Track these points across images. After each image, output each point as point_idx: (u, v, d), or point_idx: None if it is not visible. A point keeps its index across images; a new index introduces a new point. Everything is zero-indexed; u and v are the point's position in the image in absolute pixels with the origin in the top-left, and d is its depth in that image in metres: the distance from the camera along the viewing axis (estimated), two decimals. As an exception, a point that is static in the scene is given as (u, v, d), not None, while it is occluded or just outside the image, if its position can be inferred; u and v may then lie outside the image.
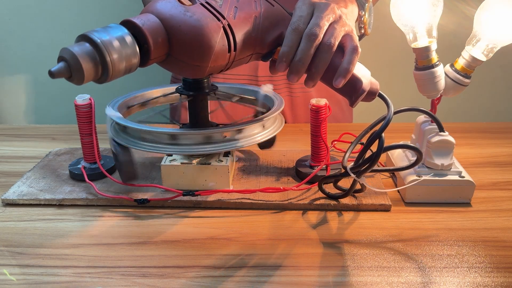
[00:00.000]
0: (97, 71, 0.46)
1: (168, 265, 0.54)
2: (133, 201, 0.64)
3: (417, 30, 0.61)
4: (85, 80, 0.46)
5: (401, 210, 0.64)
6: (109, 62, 0.46)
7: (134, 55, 0.48)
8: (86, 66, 0.45)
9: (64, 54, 0.45)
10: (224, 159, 0.66)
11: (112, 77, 0.47)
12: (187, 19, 0.50)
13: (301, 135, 0.88)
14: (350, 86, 0.55)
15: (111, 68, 0.46)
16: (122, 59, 0.47)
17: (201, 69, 0.52)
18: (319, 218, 0.62)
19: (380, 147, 0.54)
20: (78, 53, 0.44)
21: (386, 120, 0.54)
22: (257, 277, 0.51)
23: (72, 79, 0.46)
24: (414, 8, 0.61)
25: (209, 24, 0.50)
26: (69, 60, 0.44)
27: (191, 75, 0.55)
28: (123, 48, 0.47)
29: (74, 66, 0.44)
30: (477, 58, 0.62)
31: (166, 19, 0.50)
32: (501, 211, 0.63)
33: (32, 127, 0.96)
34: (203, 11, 0.51)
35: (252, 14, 0.54)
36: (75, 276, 0.52)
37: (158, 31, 0.49)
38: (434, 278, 0.51)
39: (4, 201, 0.66)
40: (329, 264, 0.53)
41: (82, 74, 0.45)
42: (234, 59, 0.54)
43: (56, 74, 0.44)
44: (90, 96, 0.67)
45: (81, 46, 0.45)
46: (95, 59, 0.45)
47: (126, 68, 0.48)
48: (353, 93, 0.55)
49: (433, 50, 0.61)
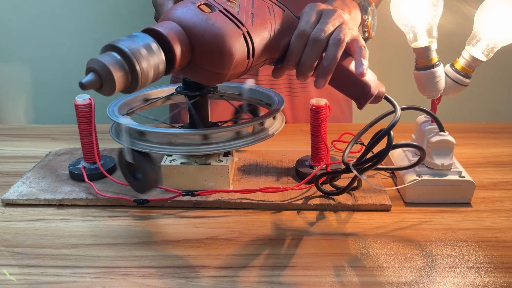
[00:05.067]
0: (127, 80, 0.45)
1: (168, 265, 0.54)
2: (133, 201, 0.64)
3: (417, 30, 0.61)
4: (116, 90, 0.45)
5: (401, 210, 0.64)
6: (139, 70, 0.45)
7: (161, 63, 0.47)
8: (117, 76, 0.44)
9: (93, 65, 0.44)
10: (224, 159, 0.66)
11: (141, 85, 0.46)
12: (209, 27, 0.49)
13: (301, 135, 0.88)
14: (359, 89, 0.56)
15: (140, 77, 0.45)
16: (150, 67, 0.46)
17: (221, 76, 0.52)
18: (319, 218, 0.62)
19: (389, 145, 0.55)
20: (109, 63, 0.44)
21: (395, 120, 0.55)
22: (257, 277, 0.51)
23: (102, 89, 0.45)
24: (414, 8, 0.61)
25: (230, 32, 0.50)
26: (100, 70, 0.43)
27: (211, 82, 0.54)
28: (151, 56, 0.46)
29: (105, 76, 0.44)
30: (477, 58, 0.62)
31: (189, 27, 0.49)
32: (501, 211, 0.63)
33: (32, 127, 0.96)
34: (224, 18, 0.51)
35: (267, 20, 0.54)
36: (75, 276, 0.52)
37: (182, 39, 0.49)
38: (434, 278, 0.51)
39: (4, 201, 0.66)
40: (329, 264, 0.53)
41: (114, 84, 0.44)
42: (252, 65, 0.54)
43: (87, 86, 0.43)
44: (90, 96, 0.67)
45: (109, 56, 0.44)
46: (125, 68, 0.45)
47: (154, 76, 0.47)
48: (362, 96, 0.57)
49: (433, 50, 0.61)
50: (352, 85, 0.57)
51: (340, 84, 0.57)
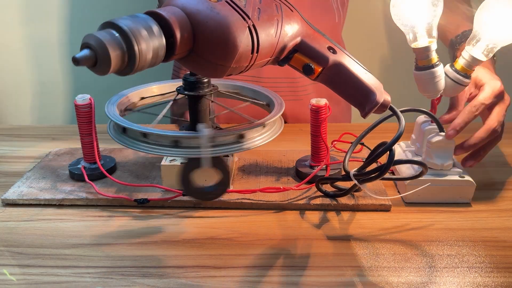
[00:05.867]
0: (123, 60, 0.43)
1: (168, 265, 0.54)
2: (133, 201, 0.64)
3: (417, 30, 0.61)
4: (111, 69, 0.43)
5: (401, 210, 0.64)
6: (137, 51, 0.43)
7: (161, 47, 0.46)
8: (113, 54, 0.42)
9: (89, 40, 0.42)
10: (224, 159, 0.66)
11: (138, 68, 0.45)
12: (214, 16, 0.48)
13: (301, 135, 0.88)
14: (365, 97, 0.55)
15: (138, 58, 0.44)
16: (149, 50, 0.44)
17: (223, 69, 0.50)
18: (319, 218, 0.62)
19: (391, 160, 0.54)
20: (106, 40, 0.42)
21: (398, 133, 0.54)
22: (257, 277, 0.51)
23: (96, 67, 0.43)
24: (414, 8, 0.61)
25: (236, 23, 0.48)
26: (96, 47, 0.41)
27: (212, 75, 0.53)
28: (151, 38, 0.44)
29: (101, 53, 0.42)
30: (477, 58, 0.62)
31: (193, 13, 0.48)
32: (501, 211, 0.63)
33: (32, 127, 0.96)
34: (230, 9, 0.49)
35: (274, 17, 0.53)
36: (75, 276, 0.52)
37: (185, 25, 0.47)
38: (434, 278, 0.51)
39: (4, 201, 0.65)
40: (329, 264, 0.53)
41: (109, 63, 0.42)
42: (255, 61, 0.52)
43: (81, 61, 0.41)
44: (90, 96, 0.67)
45: (107, 33, 0.43)
46: (122, 47, 0.43)
47: (152, 60, 0.45)
48: (367, 105, 0.55)
49: (433, 50, 0.61)
50: (357, 92, 0.55)
51: (345, 90, 0.56)
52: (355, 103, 0.56)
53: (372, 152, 0.59)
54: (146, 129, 0.60)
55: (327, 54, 0.54)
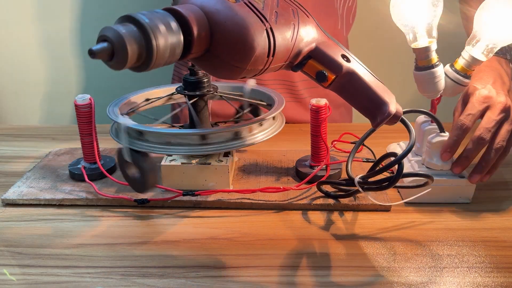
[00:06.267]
0: (140, 56, 0.42)
1: (168, 265, 0.54)
2: (133, 201, 0.64)
3: (417, 30, 0.61)
4: (127, 64, 0.42)
5: (401, 210, 0.64)
6: (154, 46, 0.42)
7: (179, 45, 0.45)
8: (131, 48, 0.41)
9: (107, 33, 0.40)
10: (224, 159, 0.66)
11: (154, 65, 0.44)
12: (233, 16, 0.47)
13: (301, 135, 0.88)
14: (377, 108, 0.54)
15: (155, 54, 0.43)
16: (167, 46, 0.43)
17: (238, 71, 0.50)
18: (319, 218, 0.62)
19: (399, 173, 0.54)
20: (124, 33, 0.41)
21: (409, 147, 0.54)
22: (257, 277, 0.51)
23: (113, 61, 0.42)
24: (414, 8, 0.61)
25: (254, 25, 0.48)
26: (113, 40, 0.40)
27: (226, 76, 0.52)
28: (169, 34, 0.44)
29: (118, 47, 0.40)
30: (477, 58, 0.62)
31: (212, 13, 0.47)
32: (501, 211, 0.63)
33: (32, 127, 0.96)
34: (248, 10, 0.49)
35: (291, 21, 0.52)
36: (75, 276, 0.52)
37: (203, 24, 0.47)
38: (434, 278, 0.51)
39: (4, 201, 0.66)
40: (329, 264, 0.53)
41: (126, 57, 0.41)
42: (270, 65, 0.52)
43: (98, 54, 0.40)
44: (90, 96, 0.67)
45: (126, 26, 0.42)
46: (140, 42, 0.42)
47: (169, 57, 0.45)
48: (379, 115, 0.54)
49: (433, 50, 0.61)
50: (370, 102, 0.54)
51: (357, 100, 0.55)
52: (367, 113, 0.55)
53: (378, 161, 0.59)
54: (145, 128, 0.60)
55: (341, 62, 0.53)
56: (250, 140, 0.62)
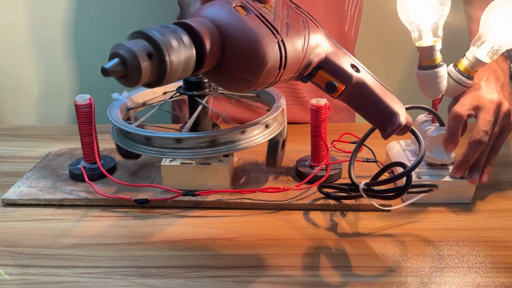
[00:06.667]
0: (154, 72, 0.42)
1: (168, 265, 0.54)
2: (133, 201, 0.64)
3: (422, 29, 0.61)
4: (141, 81, 0.41)
5: (401, 210, 0.64)
6: (168, 63, 0.41)
7: (191, 59, 0.44)
8: (144, 66, 0.40)
9: (119, 50, 0.40)
10: (224, 159, 0.66)
11: (167, 81, 0.43)
12: (244, 29, 0.46)
13: (301, 135, 0.88)
14: (387, 119, 0.54)
15: (168, 70, 0.42)
16: (180, 62, 0.43)
17: (250, 84, 0.49)
18: (319, 218, 0.62)
19: (407, 185, 0.55)
20: (137, 51, 0.40)
21: (419, 158, 0.54)
22: (257, 277, 0.51)
23: (126, 79, 0.41)
24: (421, 6, 0.60)
25: (266, 38, 0.47)
26: (127, 57, 0.39)
27: (237, 90, 0.51)
28: (182, 49, 0.43)
29: (132, 65, 0.39)
30: (481, 59, 0.61)
31: (223, 26, 0.46)
32: (501, 211, 0.63)
33: (32, 127, 0.96)
34: (259, 23, 0.48)
35: (301, 33, 0.51)
36: (75, 276, 0.52)
37: (215, 37, 0.46)
38: (434, 278, 0.51)
39: (4, 201, 0.66)
40: (329, 264, 0.53)
41: (139, 75, 0.40)
42: (280, 78, 0.51)
43: (111, 72, 0.39)
44: (90, 96, 0.67)
45: (138, 42, 0.41)
46: (154, 59, 0.41)
47: (182, 73, 0.44)
48: (389, 126, 0.54)
49: (437, 50, 0.60)
50: (380, 113, 0.54)
51: (367, 111, 0.54)
52: (377, 124, 0.55)
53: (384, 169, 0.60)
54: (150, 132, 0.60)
55: (351, 73, 0.53)
56: (244, 143, 0.62)
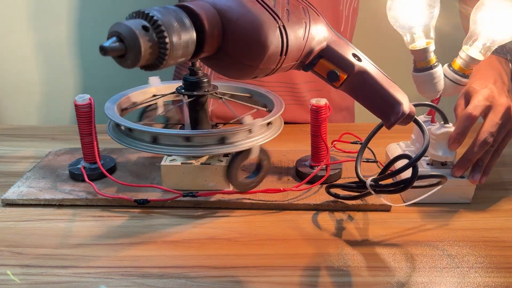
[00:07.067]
0: (154, 53, 0.41)
1: (168, 265, 0.54)
2: (133, 201, 0.64)
3: (414, 32, 0.61)
4: (140, 61, 0.40)
5: (401, 210, 0.64)
6: (168, 44, 0.41)
7: (192, 42, 0.44)
8: (144, 46, 0.39)
9: (119, 29, 0.39)
10: (224, 159, 0.66)
11: (167, 63, 0.42)
12: (246, 13, 0.46)
13: (301, 135, 0.88)
14: (390, 107, 0.54)
15: (169, 51, 0.41)
16: (180, 44, 0.42)
17: (250, 70, 0.49)
18: (319, 218, 0.62)
19: (414, 176, 0.53)
20: (137, 30, 0.39)
21: (424, 148, 0.54)
22: (257, 277, 0.51)
23: (125, 58, 0.40)
24: (410, 10, 0.61)
25: (267, 22, 0.47)
26: (126, 36, 0.38)
27: (238, 76, 0.51)
28: (182, 31, 0.42)
29: (131, 44, 0.38)
30: (474, 57, 0.62)
31: (224, 10, 0.46)
32: (501, 211, 0.63)
33: (32, 127, 0.96)
34: (260, 7, 0.47)
35: (302, 20, 0.51)
36: (75, 276, 0.52)
37: (215, 21, 0.46)
38: (434, 278, 0.51)
39: (4, 201, 0.65)
40: (329, 264, 0.53)
41: (139, 55, 0.39)
42: (281, 65, 0.51)
43: (109, 51, 0.38)
44: (90, 96, 0.67)
45: (138, 22, 0.40)
46: (153, 38, 0.40)
47: (181, 55, 0.43)
48: (392, 116, 0.54)
49: (431, 51, 0.61)
50: (383, 102, 0.53)
51: (369, 100, 0.54)
52: (380, 113, 0.55)
53: (390, 163, 0.59)
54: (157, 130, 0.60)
55: (353, 61, 0.52)
56: (244, 144, 0.62)
